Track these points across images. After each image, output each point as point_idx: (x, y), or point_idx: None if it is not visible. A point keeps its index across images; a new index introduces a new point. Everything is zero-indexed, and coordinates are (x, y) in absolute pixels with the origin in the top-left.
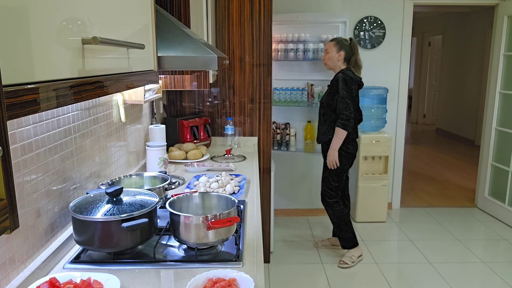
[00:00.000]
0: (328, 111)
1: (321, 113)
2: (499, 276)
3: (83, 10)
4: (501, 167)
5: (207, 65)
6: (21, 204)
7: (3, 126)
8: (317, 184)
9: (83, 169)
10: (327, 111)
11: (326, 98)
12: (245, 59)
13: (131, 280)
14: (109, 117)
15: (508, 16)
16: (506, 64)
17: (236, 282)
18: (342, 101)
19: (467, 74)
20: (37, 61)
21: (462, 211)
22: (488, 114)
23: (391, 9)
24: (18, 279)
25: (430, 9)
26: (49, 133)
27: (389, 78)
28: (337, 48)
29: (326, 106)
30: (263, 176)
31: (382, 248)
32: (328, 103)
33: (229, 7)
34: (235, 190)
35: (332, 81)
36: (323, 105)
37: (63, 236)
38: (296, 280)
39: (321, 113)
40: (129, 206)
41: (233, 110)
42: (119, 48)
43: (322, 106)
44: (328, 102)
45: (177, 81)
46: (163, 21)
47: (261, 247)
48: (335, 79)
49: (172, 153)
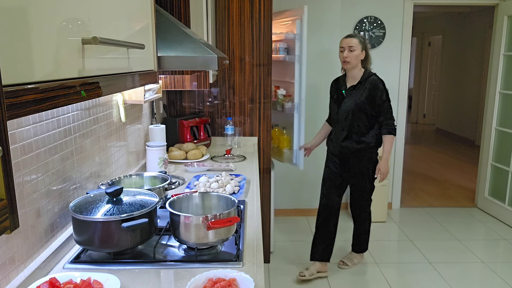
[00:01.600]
0: (361, 116)
1: (348, 118)
2: (499, 276)
3: (83, 10)
4: (501, 167)
5: (207, 65)
6: (21, 204)
7: (3, 126)
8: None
9: (83, 169)
10: (359, 116)
11: (359, 102)
12: (245, 59)
13: (131, 280)
14: (109, 117)
15: (508, 16)
16: (506, 64)
17: (236, 282)
18: (388, 106)
19: (467, 74)
20: (37, 61)
21: (462, 211)
22: (488, 114)
23: (391, 9)
24: (18, 279)
25: (430, 9)
26: (49, 133)
27: (389, 78)
28: (361, 47)
29: (358, 111)
30: (263, 176)
31: (382, 248)
32: (362, 108)
33: (229, 7)
34: (235, 190)
35: (364, 83)
36: (353, 111)
37: (63, 236)
38: (296, 280)
39: (348, 118)
40: (129, 206)
41: (233, 110)
42: (119, 48)
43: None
44: (362, 107)
45: (177, 81)
46: (163, 21)
47: (261, 247)
48: (372, 82)
49: (172, 153)
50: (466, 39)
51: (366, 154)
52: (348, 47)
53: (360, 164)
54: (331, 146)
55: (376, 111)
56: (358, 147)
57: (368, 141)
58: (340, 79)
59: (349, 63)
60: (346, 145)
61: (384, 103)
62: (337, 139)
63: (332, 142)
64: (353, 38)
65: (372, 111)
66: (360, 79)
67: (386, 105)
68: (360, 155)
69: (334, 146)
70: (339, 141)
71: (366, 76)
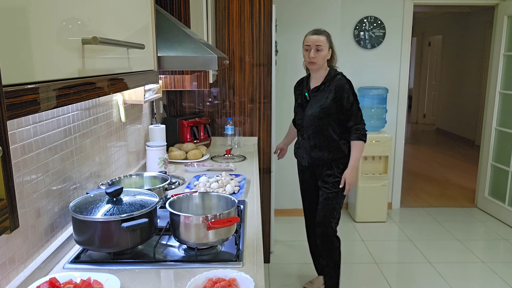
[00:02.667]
0: (329, 122)
1: (315, 125)
2: (499, 276)
3: (83, 10)
4: (501, 167)
5: (207, 65)
6: (21, 204)
7: (3, 126)
8: None
9: (83, 169)
10: (328, 121)
11: (325, 106)
12: (245, 59)
13: (131, 280)
14: (109, 117)
15: (508, 16)
16: (506, 64)
17: (236, 282)
18: (357, 109)
19: (467, 74)
20: (37, 61)
21: (462, 211)
22: (488, 114)
23: (391, 9)
24: (18, 279)
25: (430, 9)
26: (49, 133)
27: (389, 78)
28: (328, 45)
29: (325, 116)
30: (263, 176)
31: (382, 248)
32: (329, 113)
33: (229, 7)
34: (235, 190)
35: (329, 85)
36: (319, 116)
37: (63, 236)
38: (296, 280)
39: (315, 125)
40: (129, 206)
41: (233, 110)
42: (119, 48)
43: (315, 116)
44: (328, 111)
45: (177, 81)
46: (163, 21)
47: (261, 247)
48: (337, 83)
49: (172, 153)
50: (466, 39)
51: (340, 165)
52: (315, 46)
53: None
54: (299, 156)
55: (345, 114)
56: (330, 157)
57: (342, 149)
58: (303, 80)
59: (315, 64)
60: (316, 156)
61: (352, 105)
62: (305, 149)
63: (300, 150)
64: (321, 36)
65: (340, 115)
66: (324, 79)
67: (355, 108)
68: (334, 165)
69: (303, 156)
70: (308, 151)
71: (332, 76)
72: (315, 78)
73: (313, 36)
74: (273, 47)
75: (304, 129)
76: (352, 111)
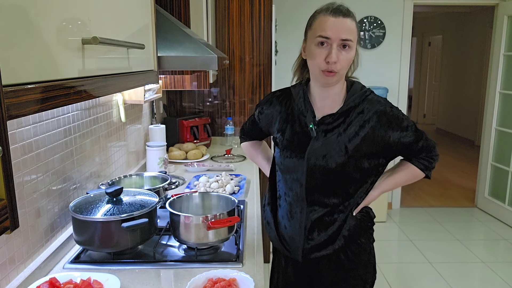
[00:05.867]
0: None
1: (329, 183)
2: (499, 276)
3: (83, 10)
4: (501, 167)
5: (207, 65)
6: (21, 204)
7: (3, 126)
8: None
9: (83, 169)
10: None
11: (357, 150)
12: (245, 59)
13: (131, 280)
14: (109, 117)
15: (508, 16)
16: (506, 64)
17: (236, 282)
18: (425, 137)
19: (467, 74)
20: (37, 61)
21: (462, 211)
22: (488, 114)
23: (391, 9)
24: (18, 279)
25: (430, 9)
26: (49, 133)
27: (389, 78)
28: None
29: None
30: (263, 176)
31: (382, 248)
32: (361, 161)
33: (229, 7)
34: (235, 190)
35: (358, 112)
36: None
37: (63, 236)
38: None
39: (329, 183)
40: (129, 206)
41: (233, 110)
42: (119, 48)
43: (332, 170)
44: (361, 159)
45: (177, 81)
46: (163, 21)
47: (261, 247)
48: (377, 109)
49: (172, 153)
50: (466, 39)
51: (365, 248)
52: (341, 40)
53: (355, 272)
54: (277, 240)
55: (399, 153)
56: (352, 234)
57: (370, 214)
58: (296, 96)
59: (337, 74)
60: (321, 241)
61: (416, 134)
62: (297, 228)
63: (280, 227)
64: (348, 19)
65: (382, 159)
66: (346, 101)
67: (424, 137)
68: (354, 255)
69: (289, 245)
70: (304, 233)
71: (357, 93)
72: (323, 98)
73: (337, 18)
74: (273, 47)
75: (300, 188)
76: (420, 143)
